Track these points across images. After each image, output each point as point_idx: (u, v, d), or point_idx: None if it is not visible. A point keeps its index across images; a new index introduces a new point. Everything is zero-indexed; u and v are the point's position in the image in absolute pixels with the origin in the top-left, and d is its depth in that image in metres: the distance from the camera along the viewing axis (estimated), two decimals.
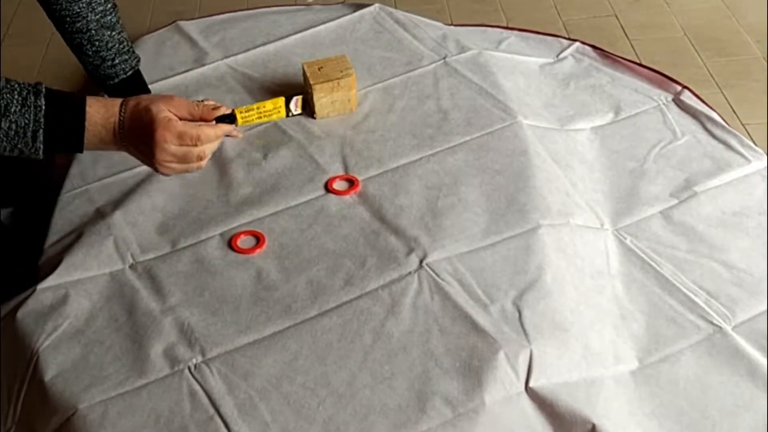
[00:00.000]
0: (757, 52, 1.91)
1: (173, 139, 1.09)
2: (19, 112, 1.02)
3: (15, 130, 1.02)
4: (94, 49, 1.38)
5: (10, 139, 1.02)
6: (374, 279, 1.23)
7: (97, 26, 1.37)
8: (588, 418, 1.05)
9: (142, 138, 1.08)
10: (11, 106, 1.02)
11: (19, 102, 1.02)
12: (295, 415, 1.06)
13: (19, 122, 1.02)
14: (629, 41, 1.97)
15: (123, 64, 1.42)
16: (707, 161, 1.51)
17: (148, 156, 1.10)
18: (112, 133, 1.08)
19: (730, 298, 1.25)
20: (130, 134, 1.09)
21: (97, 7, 1.36)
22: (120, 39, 1.41)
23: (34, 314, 1.22)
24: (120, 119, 1.08)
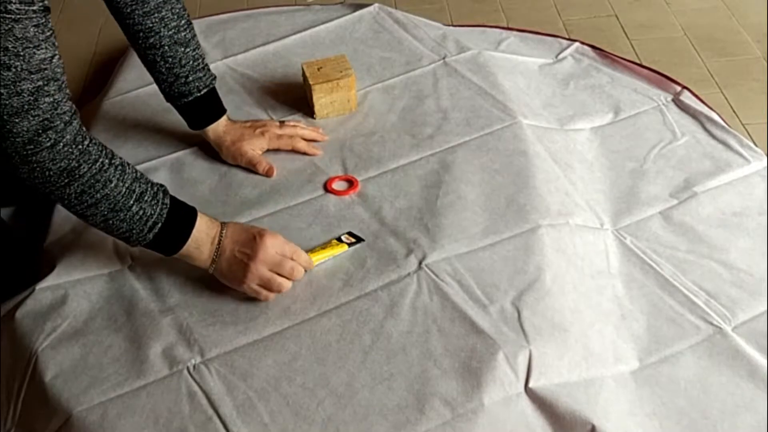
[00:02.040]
0: (757, 52, 1.91)
1: (278, 245, 1.19)
2: (149, 203, 1.13)
3: (140, 216, 1.12)
4: (167, 66, 1.38)
5: (132, 223, 1.12)
6: (373, 280, 1.22)
7: (170, 42, 1.36)
8: (588, 418, 1.05)
9: (246, 242, 1.19)
10: (145, 195, 1.13)
11: (152, 194, 1.13)
12: (294, 416, 1.06)
13: (146, 211, 1.13)
14: (629, 41, 1.97)
15: (197, 81, 1.41)
16: (707, 161, 1.51)
17: (243, 256, 1.18)
18: (211, 240, 1.18)
19: (730, 298, 1.25)
20: (232, 235, 1.19)
21: (170, 23, 1.35)
22: (194, 56, 1.40)
23: (33, 314, 1.22)
24: (222, 228, 1.20)
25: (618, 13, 2.09)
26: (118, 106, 1.68)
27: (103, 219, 1.11)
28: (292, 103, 1.63)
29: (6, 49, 0.97)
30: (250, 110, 1.63)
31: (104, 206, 1.10)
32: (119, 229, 1.13)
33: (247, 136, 1.46)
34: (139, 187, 1.12)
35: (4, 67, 0.98)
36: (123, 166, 1.11)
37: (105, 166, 1.09)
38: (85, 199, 1.09)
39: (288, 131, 1.49)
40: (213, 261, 1.19)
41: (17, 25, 0.97)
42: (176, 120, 1.50)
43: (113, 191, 1.09)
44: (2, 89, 0.99)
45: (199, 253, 1.18)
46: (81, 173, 1.07)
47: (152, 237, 1.14)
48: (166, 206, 1.14)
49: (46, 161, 1.04)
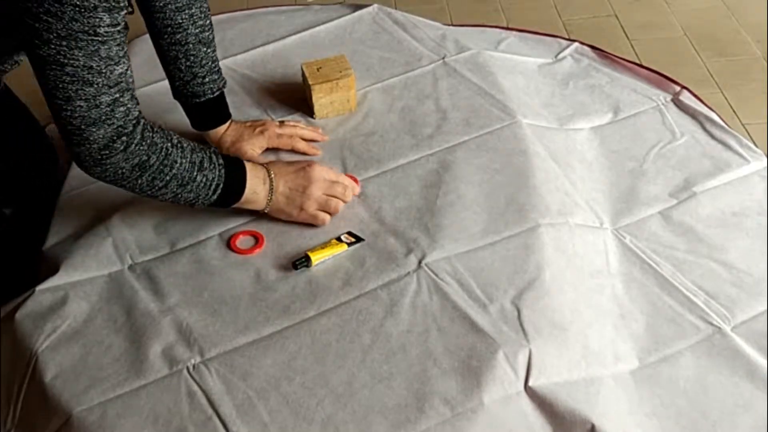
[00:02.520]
0: (757, 52, 1.91)
1: (326, 170, 1.31)
2: (209, 168, 1.20)
3: (204, 183, 1.20)
4: (188, 64, 1.39)
5: (198, 190, 1.20)
6: (373, 279, 1.22)
7: (195, 40, 1.38)
8: (587, 417, 1.05)
9: (296, 173, 1.29)
10: (204, 162, 1.19)
11: (209, 159, 1.20)
12: (293, 415, 1.06)
13: (208, 176, 1.20)
14: (629, 41, 1.97)
15: (212, 83, 1.43)
16: (706, 161, 1.51)
17: (298, 186, 1.28)
18: (262, 181, 1.26)
19: (729, 298, 1.25)
20: (280, 171, 1.28)
21: (198, 21, 1.37)
22: (213, 57, 1.42)
23: (33, 315, 1.22)
24: (267, 168, 1.27)
25: (618, 13, 2.09)
26: None
27: (173, 195, 1.19)
28: (292, 103, 1.63)
29: (90, 67, 1.04)
30: (250, 110, 1.63)
31: (174, 184, 1.17)
32: (187, 199, 1.21)
33: (246, 136, 1.47)
34: (198, 156, 1.19)
35: (87, 83, 1.05)
36: (181, 143, 1.18)
37: (169, 149, 1.16)
38: (156, 184, 1.16)
39: (288, 131, 1.49)
40: (269, 199, 1.27)
41: (103, 46, 1.04)
42: (176, 120, 1.50)
43: (180, 169, 1.17)
44: (83, 102, 1.06)
45: (256, 196, 1.26)
46: (151, 164, 1.14)
47: (216, 197, 1.22)
48: (222, 166, 1.21)
49: (119, 161, 1.12)
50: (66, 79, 1.03)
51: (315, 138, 1.52)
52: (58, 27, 0.99)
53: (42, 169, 1.48)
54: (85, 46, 1.02)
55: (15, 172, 1.40)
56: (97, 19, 1.01)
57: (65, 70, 1.03)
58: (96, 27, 1.01)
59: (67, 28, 0.99)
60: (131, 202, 1.39)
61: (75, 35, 1.00)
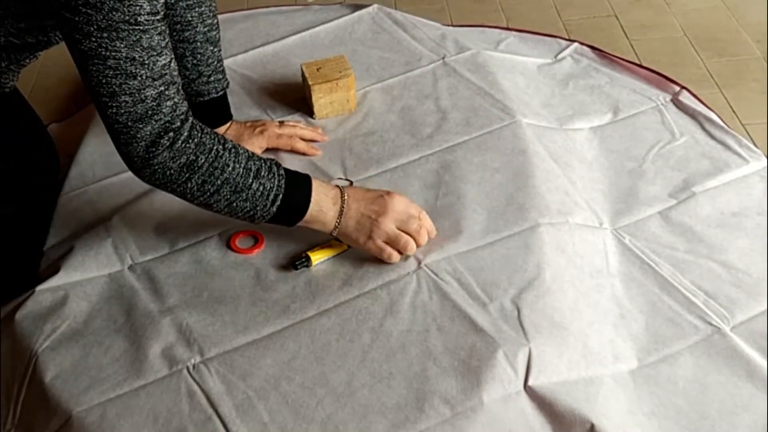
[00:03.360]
0: (757, 52, 1.91)
1: (405, 202, 1.22)
2: (267, 177, 1.14)
3: (261, 192, 1.14)
4: (195, 62, 1.39)
5: (254, 199, 1.14)
6: (373, 279, 1.23)
7: (203, 39, 1.38)
8: (587, 417, 1.05)
9: (373, 199, 1.21)
10: (261, 170, 1.14)
11: (267, 168, 1.14)
12: (293, 415, 1.06)
13: (265, 185, 1.14)
14: (629, 41, 1.97)
15: (216, 83, 1.43)
16: (706, 162, 1.51)
17: (372, 213, 1.20)
18: (332, 200, 1.19)
19: (728, 298, 1.25)
20: (355, 194, 1.21)
21: (207, 20, 1.38)
22: (219, 57, 1.43)
23: (33, 316, 1.22)
24: (341, 189, 1.21)
25: (618, 13, 2.09)
26: None
27: (227, 203, 1.13)
28: (292, 104, 1.63)
29: (133, 59, 1.01)
30: (250, 111, 1.63)
31: (226, 190, 1.12)
32: (243, 209, 1.14)
33: (246, 136, 1.47)
34: (254, 164, 1.14)
35: (131, 76, 1.02)
36: (236, 148, 1.13)
37: (220, 152, 1.11)
38: (207, 188, 1.11)
39: (287, 131, 1.50)
40: (338, 222, 1.20)
41: (144, 36, 1.01)
42: None
43: (232, 174, 1.11)
44: (127, 97, 1.03)
45: (323, 215, 1.19)
46: (199, 164, 1.10)
47: (276, 209, 1.16)
48: (283, 177, 1.16)
49: (167, 161, 1.08)
50: (109, 73, 1.01)
51: (315, 138, 1.52)
52: (98, 18, 0.98)
53: (42, 169, 1.48)
54: (126, 37, 1.00)
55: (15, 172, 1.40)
56: (137, 6, 0.99)
57: (108, 63, 1.01)
58: (137, 15, 0.99)
59: (107, 18, 0.98)
60: (131, 202, 1.39)
61: (116, 26, 0.99)
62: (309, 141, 1.52)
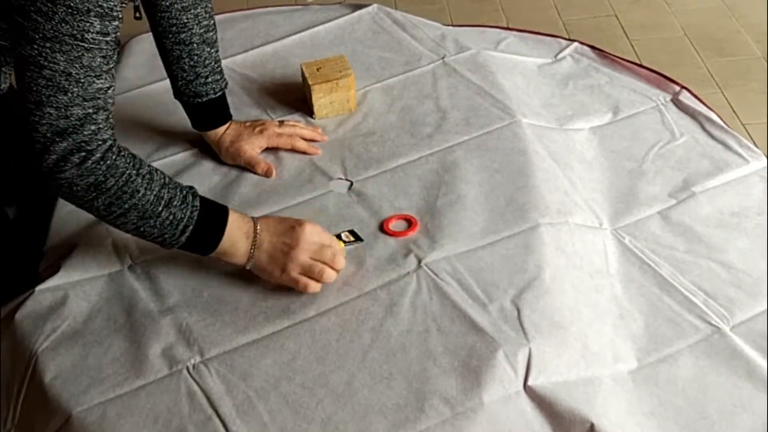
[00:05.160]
0: (757, 52, 1.92)
1: (317, 232, 1.20)
2: (179, 207, 1.12)
3: (170, 221, 1.12)
4: (192, 64, 1.39)
5: (163, 228, 1.12)
6: (373, 279, 1.23)
7: (200, 40, 1.38)
8: (586, 417, 1.05)
9: (284, 231, 1.19)
10: (174, 200, 1.12)
11: (180, 198, 1.13)
12: (293, 415, 1.06)
13: (176, 215, 1.12)
14: (629, 41, 1.98)
15: (214, 83, 1.43)
16: (705, 162, 1.51)
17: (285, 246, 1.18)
18: (245, 235, 1.17)
19: (728, 298, 1.25)
20: (268, 227, 1.19)
21: (203, 21, 1.37)
22: (216, 58, 1.42)
23: (33, 316, 1.22)
24: (256, 222, 1.19)
25: (618, 13, 2.09)
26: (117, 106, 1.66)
27: (134, 227, 1.12)
28: (292, 104, 1.63)
29: (69, 74, 1.00)
30: (250, 111, 1.63)
31: (133, 215, 1.10)
32: (151, 235, 1.13)
33: (246, 135, 1.47)
34: (168, 193, 1.12)
35: (62, 90, 1.00)
36: (151, 174, 1.11)
37: (132, 177, 1.09)
38: (113, 210, 1.09)
39: (287, 130, 1.50)
40: (250, 256, 1.18)
41: (87, 54, 1.00)
42: (175, 120, 1.50)
43: (141, 200, 1.09)
44: (53, 110, 1.01)
45: (236, 250, 1.18)
46: (108, 187, 1.07)
47: (185, 240, 1.14)
48: (197, 208, 1.14)
49: (74, 177, 1.05)
50: (41, 82, 1.00)
51: (315, 138, 1.52)
52: (46, 27, 0.97)
53: None
54: (68, 51, 0.98)
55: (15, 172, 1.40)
56: (88, 23, 0.98)
57: (42, 73, 0.99)
58: (84, 32, 0.98)
59: (55, 29, 0.97)
60: None
61: (61, 38, 0.97)
62: (309, 141, 1.52)
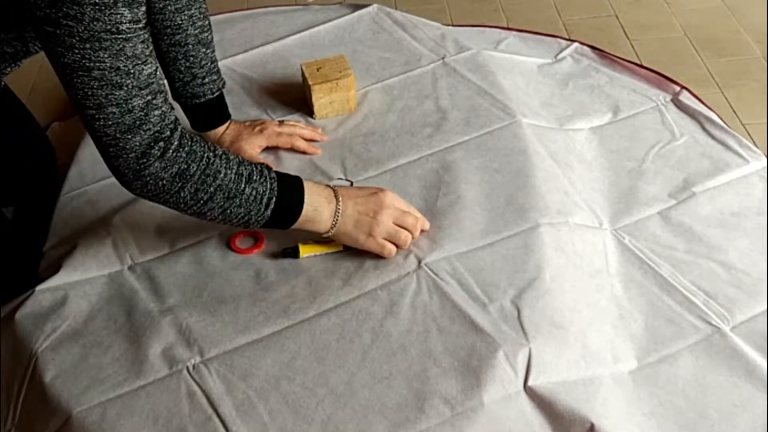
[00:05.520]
0: (757, 52, 1.91)
1: (398, 199, 1.24)
2: (259, 181, 1.13)
3: (254, 196, 1.12)
4: (188, 65, 1.39)
5: (248, 204, 1.13)
6: (373, 279, 1.23)
7: (195, 41, 1.38)
8: (586, 417, 1.05)
9: (368, 198, 1.22)
10: (253, 175, 1.13)
11: (258, 173, 1.13)
12: (293, 415, 1.06)
13: (258, 189, 1.13)
14: (629, 41, 1.97)
15: (211, 84, 1.43)
16: (706, 162, 1.51)
17: (369, 210, 1.21)
18: (327, 200, 1.19)
19: (728, 298, 1.25)
20: (349, 193, 1.21)
21: (197, 22, 1.37)
22: (212, 58, 1.42)
23: (33, 316, 1.22)
24: (334, 187, 1.21)
25: (618, 13, 2.09)
26: None
27: (221, 210, 1.12)
28: (292, 104, 1.64)
29: (118, 68, 0.99)
30: (250, 111, 1.63)
31: (219, 197, 1.11)
32: (238, 215, 1.13)
33: (245, 135, 1.47)
34: (246, 169, 1.12)
35: (116, 86, 1.00)
36: (226, 154, 1.12)
37: (211, 159, 1.10)
38: (200, 196, 1.10)
39: (287, 130, 1.50)
40: (335, 220, 1.20)
41: (128, 44, 1.00)
42: None
43: (224, 180, 1.10)
44: (114, 108, 1.01)
45: (319, 215, 1.19)
46: (191, 173, 1.08)
47: (270, 213, 1.15)
48: (275, 179, 1.15)
49: (158, 171, 1.06)
50: (94, 84, 0.99)
51: (315, 138, 1.52)
52: (80, 30, 0.96)
53: (42, 169, 1.48)
54: (109, 46, 0.98)
55: (15, 172, 1.40)
56: (118, 15, 0.97)
57: (92, 75, 0.99)
58: (118, 24, 0.97)
59: (89, 29, 0.96)
60: (131, 202, 1.39)
61: (98, 36, 0.97)
62: (309, 140, 1.52)
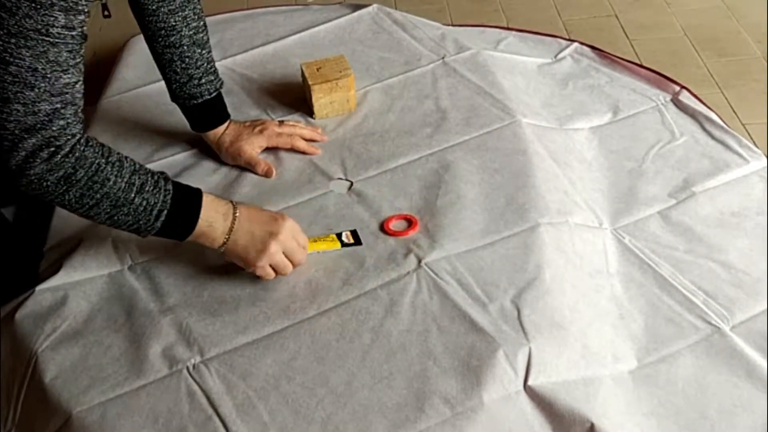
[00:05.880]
0: (757, 52, 1.91)
1: (297, 230, 1.21)
2: (151, 192, 1.11)
3: (144, 207, 1.11)
4: (183, 66, 1.39)
5: (136, 214, 1.11)
6: (373, 279, 1.23)
7: (189, 42, 1.37)
8: (586, 416, 1.05)
9: (267, 221, 1.19)
10: (146, 186, 1.11)
11: (152, 183, 1.12)
12: (293, 415, 1.06)
13: (149, 201, 1.11)
14: (629, 41, 1.97)
15: (208, 84, 1.42)
16: (705, 161, 1.51)
17: (263, 234, 1.17)
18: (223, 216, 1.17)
19: (728, 298, 1.25)
20: (248, 214, 1.18)
21: (191, 23, 1.37)
22: (208, 58, 1.42)
23: (33, 315, 1.22)
24: (234, 205, 1.18)
25: (618, 13, 2.09)
26: (116, 107, 1.68)
27: (107, 216, 1.11)
28: (292, 104, 1.64)
29: (35, 69, 0.99)
30: (250, 111, 1.63)
31: (106, 204, 1.09)
32: (126, 223, 1.12)
33: (245, 135, 1.47)
34: (139, 179, 1.11)
35: (29, 86, 0.99)
36: (121, 162, 1.10)
37: (101, 166, 1.08)
38: (85, 201, 1.08)
39: (287, 130, 1.50)
40: (226, 239, 1.17)
41: (53, 49, 0.99)
42: (175, 121, 1.50)
43: (112, 189, 1.09)
44: (20, 106, 1.00)
45: (212, 231, 1.16)
46: (78, 178, 1.06)
47: (160, 225, 1.13)
48: (169, 192, 1.13)
49: (43, 173, 1.04)
50: (8, 78, 0.97)
51: (315, 138, 1.52)
52: (11, 23, 0.95)
53: None
54: (34, 46, 0.97)
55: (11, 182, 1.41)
56: (52, 17, 0.97)
57: (9, 69, 0.97)
58: (49, 26, 0.97)
59: (19, 24, 0.95)
60: None
61: (26, 33, 0.96)
62: (309, 140, 1.52)
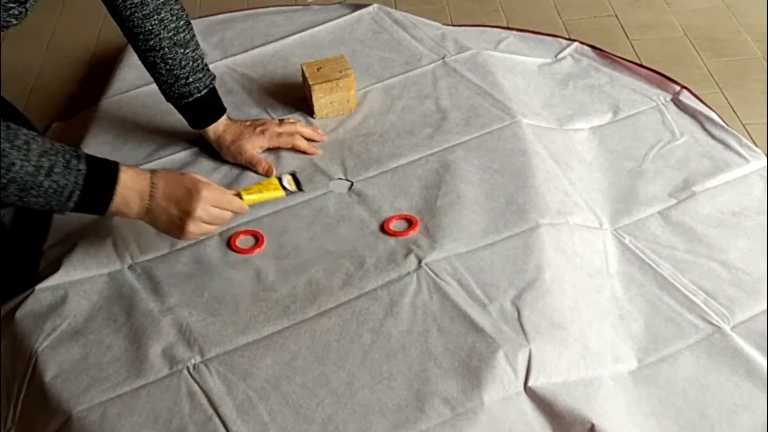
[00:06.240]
0: (757, 52, 1.91)
1: (214, 198, 1.19)
2: (61, 174, 1.09)
3: (54, 189, 1.09)
4: (168, 68, 1.38)
5: (47, 196, 1.09)
6: (373, 279, 1.23)
7: (170, 44, 1.37)
8: (587, 417, 1.05)
9: (181, 198, 1.17)
10: (56, 167, 1.08)
11: (63, 165, 1.09)
12: (293, 415, 1.06)
13: (60, 182, 1.09)
14: (629, 41, 1.97)
15: (197, 82, 1.42)
16: (706, 161, 1.51)
17: (180, 213, 1.17)
18: (139, 195, 1.15)
19: (728, 298, 1.25)
20: (164, 190, 1.17)
21: (169, 24, 1.36)
22: (194, 57, 1.41)
23: (33, 315, 1.22)
24: (152, 181, 1.16)
25: (618, 13, 2.09)
26: (117, 106, 1.68)
27: (17, 199, 1.09)
28: (292, 104, 1.63)
29: None
30: (250, 110, 1.63)
31: (13, 188, 1.07)
32: (38, 203, 1.10)
33: (247, 135, 1.47)
34: (48, 160, 1.08)
35: None
36: (28, 144, 1.07)
37: (6, 151, 1.05)
38: None
39: (288, 129, 1.50)
40: (146, 214, 1.17)
41: None
42: (176, 120, 1.50)
43: (18, 173, 1.06)
44: None
45: (129, 209, 1.16)
46: None
47: (73, 205, 1.12)
48: (81, 172, 1.10)
49: None
50: None
51: (315, 138, 1.52)
52: None
53: None
54: None
55: None
56: None
57: None
58: None
59: None
60: None
61: None
62: (309, 140, 1.52)
